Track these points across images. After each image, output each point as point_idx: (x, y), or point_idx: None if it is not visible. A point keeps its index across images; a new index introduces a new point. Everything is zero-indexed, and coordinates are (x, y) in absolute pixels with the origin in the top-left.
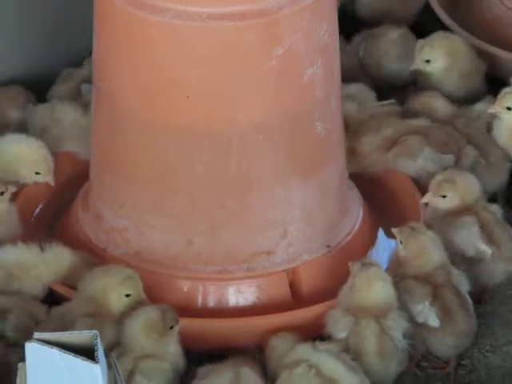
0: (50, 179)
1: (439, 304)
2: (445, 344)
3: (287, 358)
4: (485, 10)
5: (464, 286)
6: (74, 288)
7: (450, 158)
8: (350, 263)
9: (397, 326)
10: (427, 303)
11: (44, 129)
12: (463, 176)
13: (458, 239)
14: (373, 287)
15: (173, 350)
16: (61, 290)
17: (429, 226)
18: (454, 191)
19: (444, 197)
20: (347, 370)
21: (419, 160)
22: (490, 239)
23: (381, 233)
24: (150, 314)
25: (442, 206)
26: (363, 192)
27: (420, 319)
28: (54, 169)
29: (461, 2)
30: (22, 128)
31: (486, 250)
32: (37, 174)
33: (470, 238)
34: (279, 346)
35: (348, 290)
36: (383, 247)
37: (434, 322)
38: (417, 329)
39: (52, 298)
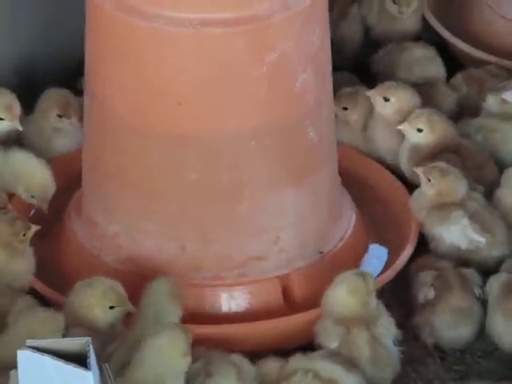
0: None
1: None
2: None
3: (281, 372)
4: (476, 17)
5: None
6: None
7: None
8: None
9: (388, 333)
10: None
11: None
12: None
13: (448, 235)
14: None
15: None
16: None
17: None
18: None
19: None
20: (344, 369)
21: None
22: (482, 228)
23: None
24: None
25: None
26: (354, 198)
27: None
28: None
29: (453, 8)
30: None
31: (481, 240)
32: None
33: (462, 232)
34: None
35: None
36: (376, 255)
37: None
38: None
39: None
